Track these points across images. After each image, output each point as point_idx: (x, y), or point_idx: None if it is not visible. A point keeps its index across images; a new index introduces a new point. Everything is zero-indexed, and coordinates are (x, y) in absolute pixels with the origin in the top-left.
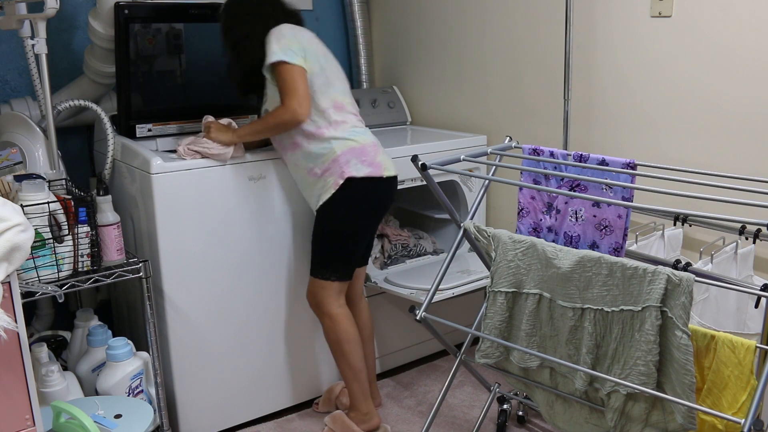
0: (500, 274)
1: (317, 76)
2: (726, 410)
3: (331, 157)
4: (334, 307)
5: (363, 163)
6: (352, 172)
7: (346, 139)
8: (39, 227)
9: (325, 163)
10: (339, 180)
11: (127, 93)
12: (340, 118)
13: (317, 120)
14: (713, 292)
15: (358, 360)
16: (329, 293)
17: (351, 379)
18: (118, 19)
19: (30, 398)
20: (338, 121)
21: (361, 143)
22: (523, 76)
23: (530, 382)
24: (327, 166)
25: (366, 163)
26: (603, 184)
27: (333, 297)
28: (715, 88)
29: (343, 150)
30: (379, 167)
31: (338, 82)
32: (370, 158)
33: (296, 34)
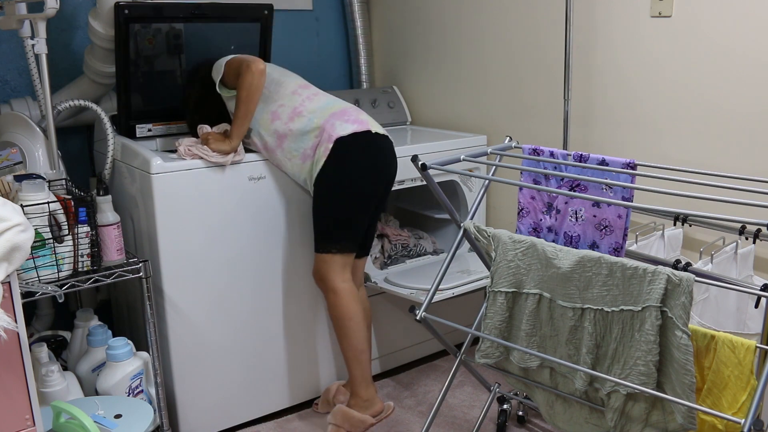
0: (500, 274)
1: (269, 74)
2: (726, 410)
3: (317, 129)
4: (338, 281)
5: (347, 122)
6: (339, 132)
7: (324, 108)
8: (39, 227)
9: (313, 138)
10: (328, 144)
11: (127, 93)
12: (311, 93)
13: (290, 103)
14: (713, 292)
15: (360, 340)
16: (332, 267)
17: (351, 360)
18: (118, 19)
19: (30, 398)
20: (310, 97)
21: (341, 107)
22: (523, 76)
23: (530, 382)
24: (316, 141)
25: (350, 121)
26: (603, 184)
27: (337, 271)
28: (715, 88)
29: (325, 117)
30: (364, 123)
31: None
32: (353, 117)
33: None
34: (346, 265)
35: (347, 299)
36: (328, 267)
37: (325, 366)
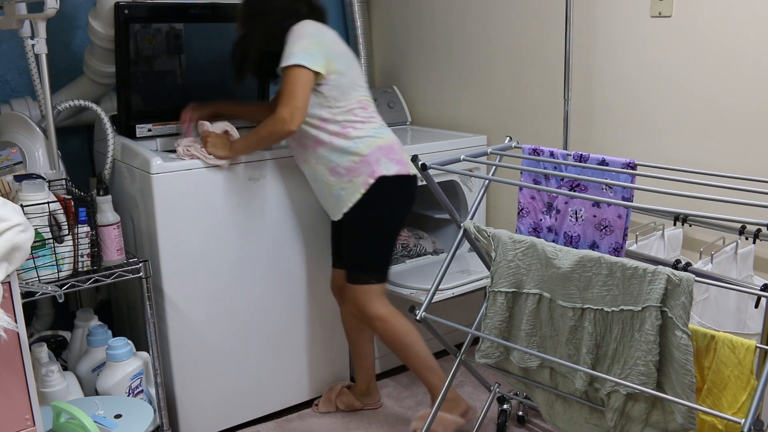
0: (500, 274)
1: (343, 76)
2: (726, 410)
3: (359, 156)
4: (379, 308)
5: (392, 161)
6: (383, 171)
7: (373, 137)
8: (39, 227)
9: (351, 162)
10: (369, 180)
11: (127, 93)
12: (364, 117)
13: (342, 120)
14: (713, 292)
15: (422, 349)
16: (371, 297)
17: (423, 370)
18: (118, 19)
19: (30, 398)
20: (363, 121)
21: (388, 141)
22: (523, 76)
23: (530, 382)
24: (353, 166)
25: (395, 161)
26: (603, 184)
27: (376, 299)
28: (715, 88)
29: (371, 149)
30: (407, 165)
31: (361, 82)
32: (398, 156)
33: (320, 33)
34: (383, 293)
35: (394, 320)
36: (368, 297)
37: (325, 366)
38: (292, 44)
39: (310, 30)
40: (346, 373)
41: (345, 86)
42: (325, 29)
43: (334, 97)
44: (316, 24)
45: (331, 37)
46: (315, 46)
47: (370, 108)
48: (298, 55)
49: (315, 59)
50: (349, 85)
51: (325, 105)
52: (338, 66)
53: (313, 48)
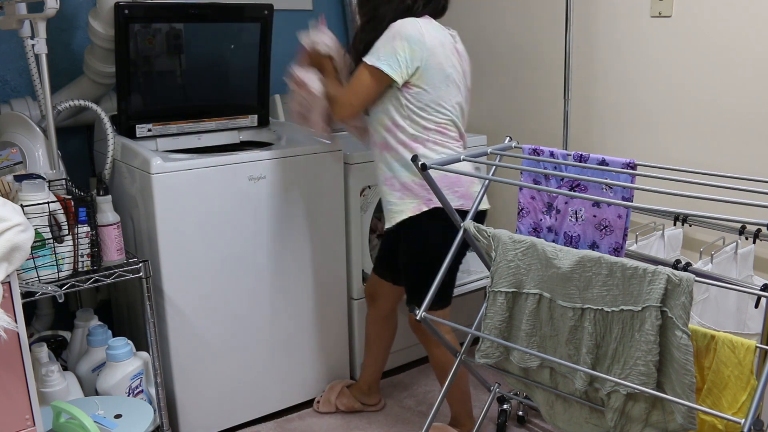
0: (500, 274)
1: (426, 93)
2: (726, 410)
3: (420, 177)
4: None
5: (455, 194)
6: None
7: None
8: (39, 227)
9: (410, 180)
10: (422, 206)
11: (127, 93)
12: (440, 140)
13: (414, 133)
14: (713, 292)
15: (465, 384)
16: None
17: (457, 402)
18: (118, 19)
19: (30, 398)
20: (437, 142)
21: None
22: (523, 76)
23: (530, 382)
24: (412, 184)
25: (458, 194)
26: (603, 184)
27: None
28: (715, 88)
29: (437, 174)
30: (470, 199)
31: (451, 103)
32: (463, 189)
33: (418, 41)
34: (445, 317)
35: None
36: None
37: (325, 366)
38: (384, 40)
39: (410, 32)
40: (346, 373)
41: (426, 103)
42: (431, 33)
43: (412, 110)
44: (424, 24)
45: (431, 47)
46: (406, 51)
47: (450, 134)
48: (383, 57)
49: (398, 66)
50: (432, 104)
51: (399, 113)
52: (425, 82)
53: (403, 53)
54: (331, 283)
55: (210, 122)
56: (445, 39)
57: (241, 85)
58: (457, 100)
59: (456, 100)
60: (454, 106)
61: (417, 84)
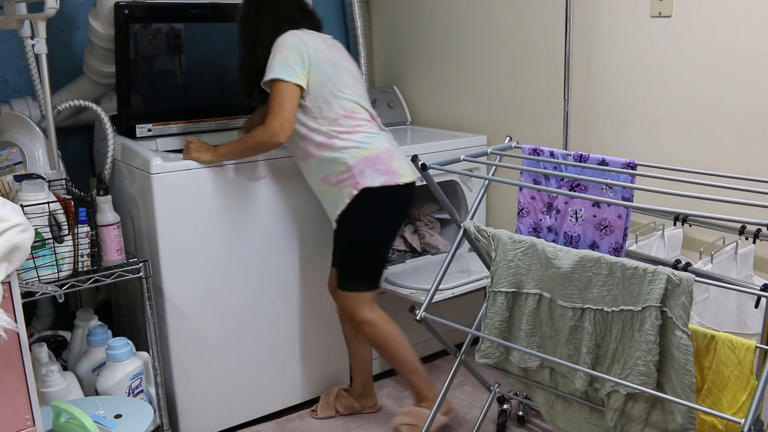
0: (500, 274)
1: (324, 85)
2: (726, 410)
3: (344, 167)
4: (368, 313)
5: (377, 172)
6: (367, 182)
7: (358, 148)
8: (39, 227)
9: (338, 173)
10: (353, 191)
11: (127, 93)
12: (351, 126)
13: (327, 130)
14: (713, 292)
15: (408, 353)
16: (360, 303)
17: (408, 373)
18: (118, 19)
19: (30, 398)
20: (349, 131)
21: (374, 151)
22: (523, 76)
23: (530, 382)
24: (341, 177)
25: (381, 171)
26: (603, 184)
27: (365, 306)
28: (715, 88)
29: (355, 160)
30: (395, 174)
31: (350, 88)
32: (385, 166)
33: (300, 44)
34: (373, 299)
35: (382, 325)
36: (356, 304)
37: (324, 366)
38: (272, 58)
39: (290, 41)
40: (345, 373)
41: (327, 95)
42: (308, 37)
43: (317, 107)
44: (299, 33)
45: (314, 45)
46: (294, 57)
47: (359, 115)
48: (277, 70)
49: (294, 72)
50: (333, 93)
51: (309, 116)
52: (320, 75)
53: (292, 60)
54: None
55: (210, 122)
56: (325, 39)
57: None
58: (353, 83)
59: (352, 83)
60: (353, 89)
61: (314, 81)
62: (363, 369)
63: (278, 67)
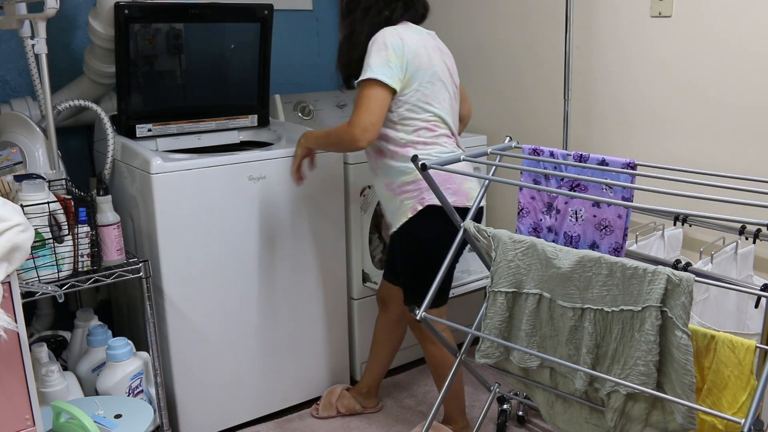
0: (500, 274)
1: (414, 94)
2: (726, 410)
3: (412, 178)
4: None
5: (447, 191)
6: (434, 200)
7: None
8: (39, 227)
9: (403, 184)
10: (418, 206)
11: (127, 93)
12: (429, 138)
13: (405, 139)
14: (713, 292)
15: (459, 382)
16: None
17: (451, 399)
18: (118, 19)
19: (30, 398)
20: (427, 142)
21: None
22: (523, 76)
23: (530, 382)
24: (405, 188)
25: (451, 191)
26: (603, 184)
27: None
28: (715, 88)
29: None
30: (465, 196)
31: (438, 100)
32: (455, 186)
33: (400, 46)
34: (441, 315)
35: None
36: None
37: (325, 366)
38: (372, 55)
39: (392, 41)
40: (346, 373)
41: (414, 104)
42: (411, 37)
43: (401, 114)
44: (403, 31)
45: (415, 47)
46: (394, 59)
47: (440, 130)
48: (376, 69)
49: (393, 74)
50: (422, 101)
51: (390, 120)
52: (413, 83)
53: (393, 61)
54: (331, 283)
55: (210, 122)
56: (426, 40)
57: (240, 85)
58: (444, 96)
59: (443, 97)
60: (442, 103)
61: (408, 86)
62: (378, 373)
63: (377, 66)
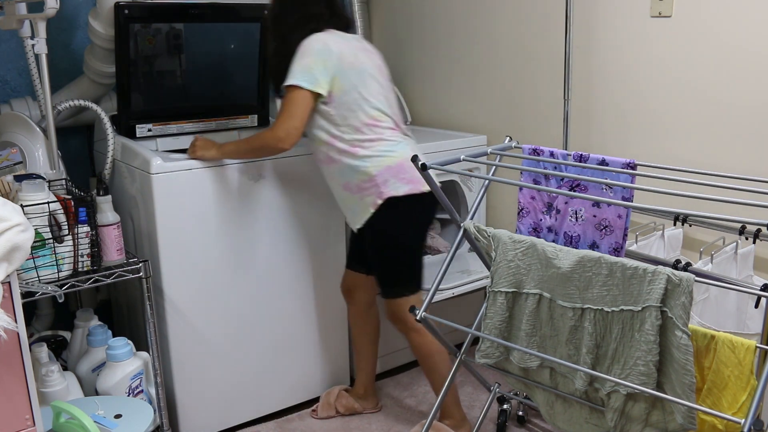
0: (500, 274)
1: (348, 93)
2: (726, 410)
3: (367, 176)
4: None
5: (401, 181)
6: (392, 192)
7: (381, 157)
8: (39, 227)
9: (360, 182)
10: (377, 200)
11: (127, 93)
12: (374, 135)
13: (350, 138)
14: (713, 292)
15: (447, 370)
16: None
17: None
18: (118, 19)
19: (30, 398)
20: (372, 138)
21: (397, 160)
22: (523, 76)
23: (530, 382)
24: (363, 185)
25: (405, 180)
26: (603, 184)
27: None
28: (715, 88)
29: (379, 170)
30: (420, 183)
31: (374, 95)
32: (408, 175)
33: (325, 51)
34: (419, 302)
35: (431, 335)
36: (403, 309)
37: (325, 366)
38: (295, 62)
39: (316, 46)
40: (346, 373)
41: (351, 104)
42: (335, 42)
43: (341, 115)
44: (327, 37)
45: (339, 52)
46: (319, 64)
47: (383, 123)
48: (298, 76)
49: (315, 80)
50: (358, 101)
51: (332, 123)
52: (344, 83)
53: (317, 66)
54: (330, 283)
55: (210, 122)
56: (351, 42)
57: (241, 85)
58: (378, 90)
59: (377, 91)
60: (378, 97)
61: (338, 89)
62: (367, 370)
63: (299, 73)
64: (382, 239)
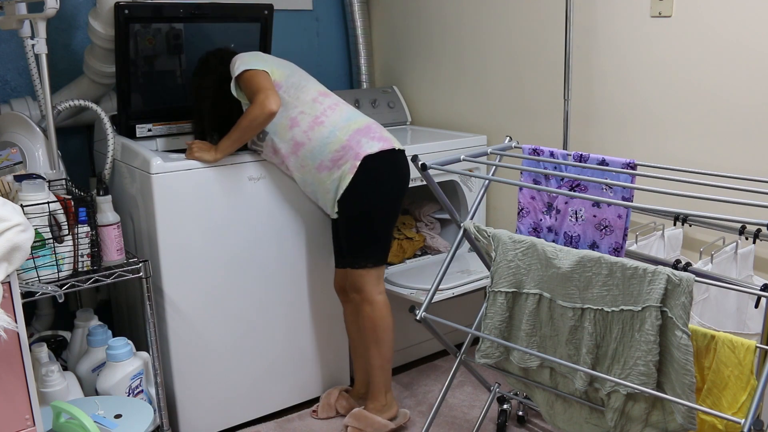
0: (500, 274)
1: (290, 77)
2: (726, 410)
3: (339, 144)
4: (375, 293)
5: (373, 139)
6: (367, 150)
7: (347, 122)
8: (39, 227)
9: (333, 152)
10: (356, 162)
11: (127, 93)
12: (331, 102)
13: (311, 111)
14: (713, 292)
15: (389, 350)
16: (368, 280)
17: (378, 368)
18: (118, 19)
19: (30, 398)
20: (331, 106)
21: (363, 122)
22: (523, 76)
23: (530, 382)
24: (337, 155)
25: (376, 138)
26: (603, 184)
27: (373, 283)
28: (715, 88)
29: (348, 134)
30: (389, 141)
31: (311, 80)
32: (378, 134)
33: (256, 54)
34: (381, 277)
35: (383, 310)
36: (365, 280)
37: (325, 366)
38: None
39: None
40: (345, 373)
41: (297, 82)
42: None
43: (293, 95)
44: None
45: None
46: (257, 59)
47: (332, 96)
48: (246, 63)
49: (261, 63)
50: (303, 80)
51: (289, 105)
52: (284, 70)
53: (256, 60)
54: (330, 283)
55: None
56: None
57: None
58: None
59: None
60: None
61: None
62: (366, 369)
63: (245, 63)
64: (353, 207)
